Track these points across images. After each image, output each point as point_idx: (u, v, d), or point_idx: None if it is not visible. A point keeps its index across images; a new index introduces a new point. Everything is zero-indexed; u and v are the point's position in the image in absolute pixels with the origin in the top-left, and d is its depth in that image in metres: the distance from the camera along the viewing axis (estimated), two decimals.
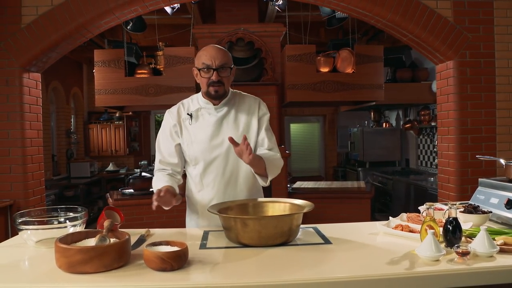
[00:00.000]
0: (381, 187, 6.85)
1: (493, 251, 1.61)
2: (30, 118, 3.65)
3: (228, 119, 2.17)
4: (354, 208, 5.18)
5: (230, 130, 2.15)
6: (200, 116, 2.16)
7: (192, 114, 2.16)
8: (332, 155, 9.12)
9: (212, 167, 2.16)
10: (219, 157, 2.16)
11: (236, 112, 2.18)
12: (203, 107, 2.16)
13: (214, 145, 2.15)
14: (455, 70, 3.65)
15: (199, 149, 2.14)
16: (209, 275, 1.50)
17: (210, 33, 5.42)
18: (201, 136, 2.14)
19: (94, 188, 7.69)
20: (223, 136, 2.14)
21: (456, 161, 3.66)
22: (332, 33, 7.39)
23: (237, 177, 2.20)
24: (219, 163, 2.16)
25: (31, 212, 1.95)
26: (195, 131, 2.15)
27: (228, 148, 2.13)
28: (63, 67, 7.68)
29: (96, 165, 7.97)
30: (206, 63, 2.04)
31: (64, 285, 1.45)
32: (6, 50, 3.50)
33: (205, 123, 2.15)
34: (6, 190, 3.53)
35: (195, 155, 2.15)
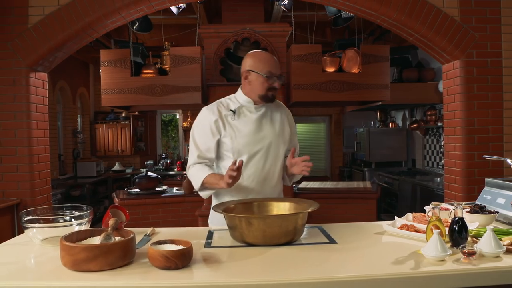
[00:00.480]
0: (387, 187, 6.82)
1: (499, 251, 1.59)
2: (36, 118, 3.67)
3: (266, 118, 2.35)
4: (360, 208, 5.16)
5: (268, 127, 2.34)
6: (242, 113, 2.31)
7: (235, 110, 2.31)
8: (338, 155, 9.10)
9: (254, 160, 2.29)
10: (260, 152, 2.30)
11: (271, 113, 2.38)
12: (244, 105, 2.33)
13: (257, 139, 2.30)
14: (461, 69, 3.63)
15: (243, 142, 2.28)
16: (214, 274, 1.50)
17: (216, 33, 5.41)
18: (245, 130, 2.29)
19: (100, 187, 7.72)
20: (264, 132, 2.32)
21: (462, 161, 3.63)
22: (338, 33, 7.37)
23: (274, 173, 2.36)
24: (260, 157, 2.30)
25: (37, 210, 1.96)
26: (238, 126, 2.29)
27: (269, 144, 2.32)
28: (70, 67, 7.72)
29: (102, 165, 8.00)
30: (272, 71, 2.24)
31: (68, 283, 1.45)
32: (13, 50, 3.52)
33: (248, 119, 2.31)
34: (13, 189, 3.55)
35: (238, 148, 2.27)
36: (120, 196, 5.32)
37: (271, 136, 2.32)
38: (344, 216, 5.12)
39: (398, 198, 6.48)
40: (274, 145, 2.33)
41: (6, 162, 3.55)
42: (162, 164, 8.65)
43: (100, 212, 7.56)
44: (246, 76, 2.29)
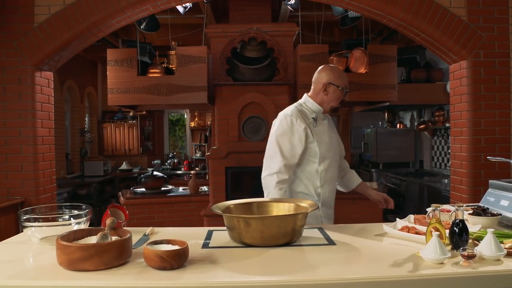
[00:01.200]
0: (395, 188, 6.76)
1: (500, 255, 1.56)
2: (42, 117, 3.69)
3: (330, 126, 2.59)
4: (365, 209, 5.12)
5: (335, 135, 2.59)
6: (318, 122, 2.49)
7: (316, 118, 2.48)
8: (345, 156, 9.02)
9: (332, 163, 2.50)
10: (335, 157, 2.52)
11: (329, 121, 2.60)
12: (317, 113, 2.50)
13: (333, 145, 2.52)
14: (468, 70, 3.58)
15: (325, 148, 2.45)
16: (209, 274, 1.49)
17: (223, 32, 5.41)
18: (324, 137, 2.47)
19: (107, 187, 7.76)
20: (333, 139, 2.54)
21: (468, 163, 3.58)
22: (346, 33, 7.33)
23: (337, 174, 2.60)
24: (335, 162, 2.53)
25: (35, 209, 1.97)
26: (319, 133, 2.46)
27: (335, 150, 2.53)
28: (78, 66, 7.77)
29: (109, 164, 8.04)
30: (347, 87, 2.49)
31: (63, 282, 1.45)
32: (19, 49, 3.54)
33: (323, 127, 2.50)
34: (17, 188, 3.57)
35: (323, 154, 2.43)
36: (126, 195, 5.34)
37: (336, 141, 2.57)
38: (349, 216, 5.08)
39: (406, 199, 6.42)
40: (338, 149, 2.58)
41: (11, 161, 3.58)
42: (169, 164, 8.67)
43: None
44: (325, 88, 2.45)
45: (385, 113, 7.76)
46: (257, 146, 5.14)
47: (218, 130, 5.24)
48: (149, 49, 5.74)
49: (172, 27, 7.24)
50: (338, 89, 2.44)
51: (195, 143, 9.12)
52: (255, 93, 5.17)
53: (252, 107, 5.21)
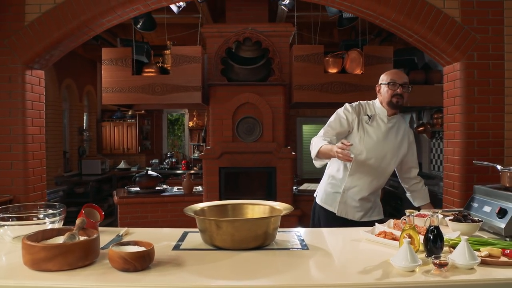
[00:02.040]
0: (392, 190, 6.69)
1: (473, 263, 1.52)
2: (32, 115, 3.68)
3: (393, 130, 2.69)
4: None
5: (391, 140, 2.67)
6: (375, 121, 2.67)
7: (371, 116, 2.67)
8: None
9: (370, 162, 2.62)
10: (378, 157, 2.63)
11: (398, 127, 2.72)
12: (378, 113, 2.69)
13: (379, 146, 2.63)
14: (462, 72, 3.52)
15: (367, 145, 2.61)
16: (171, 277, 1.46)
17: (218, 32, 5.40)
18: (373, 136, 2.63)
19: (104, 185, 7.76)
20: (387, 142, 2.65)
21: (461, 166, 3.53)
22: (345, 34, 7.28)
23: (382, 176, 2.69)
24: (374, 161, 2.63)
25: (9, 208, 1.95)
26: (369, 130, 2.64)
27: (386, 152, 2.64)
28: (77, 65, 7.79)
29: (107, 163, 8.04)
30: (394, 79, 2.61)
31: (25, 282, 1.44)
32: (10, 47, 3.53)
33: (378, 127, 2.66)
34: (7, 185, 3.56)
35: (362, 148, 2.61)
36: (120, 194, 5.33)
37: (391, 147, 2.66)
38: None
39: (403, 202, 6.35)
40: (390, 154, 2.66)
41: (1, 158, 3.56)
42: (168, 163, 8.66)
43: (104, 210, 7.59)
44: (378, 90, 2.72)
45: None
46: (251, 146, 5.11)
47: (212, 130, 5.22)
48: (147, 49, 5.72)
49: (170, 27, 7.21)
50: (385, 85, 2.65)
51: (193, 143, 9.11)
52: (249, 93, 5.14)
53: (247, 107, 5.18)
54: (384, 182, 2.77)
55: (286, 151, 5.15)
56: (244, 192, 5.41)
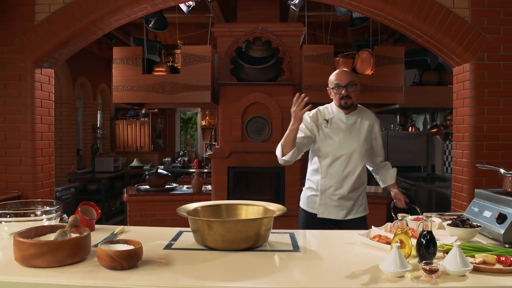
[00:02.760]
0: (404, 192, 6.60)
1: (464, 270, 1.49)
2: (41, 113, 3.73)
3: (355, 127, 2.74)
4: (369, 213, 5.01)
5: (355, 136, 2.72)
6: (334, 123, 2.73)
7: (328, 120, 2.73)
8: None
9: (337, 162, 2.69)
10: (343, 156, 2.69)
11: (361, 122, 2.75)
12: (336, 115, 2.74)
13: (342, 146, 2.69)
14: (471, 73, 3.44)
15: (331, 147, 2.70)
16: (156, 276, 1.46)
17: (229, 32, 5.39)
18: (334, 138, 2.70)
19: (117, 183, 7.84)
20: (350, 140, 2.70)
21: (470, 169, 3.45)
22: (359, 34, 7.21)
23: (353, 174, 2.71)
24: (343, 160, 2.69)
25: (7, 204, 1.98)
26: (329, 133, 2.71)
27: (353, 150, 2.69)
28: (91, 63, 7.88)
29: (120, 161, 8.12)
30: (338, 83, 2.67)
31: (12, 277, 1.46)
32: (20, 46, 3.60)
33: (338, 128, 2.71)
34: (15, 182, 3.63)
35: (326, 151, 2.70)
36: (130, 192, 5.38)
37: (356, 145, 2.70)
38: None
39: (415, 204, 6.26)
40: (357, 152, 2.70)
41: (10, 155, 3.63)
42: (180, 162, 8.71)
43: (116, 207, 7.68)
44: (330, 93, 2.77)
45: (397, 116, 7.59)
46: (260, 146, 5.10)
47: (221, 130, 5.23)
48: (159, 48, 5.76)
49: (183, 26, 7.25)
50: (331, 90, 2.74)
51: (205, 142, 9.14)
52: (259, 93, 5.13)
53: (256, 107, 5.17)
54: (364, 178, 2.81)
55: None
56: (252, 192, 5.40)
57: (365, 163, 2.80)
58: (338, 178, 2.71)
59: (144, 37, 5.61)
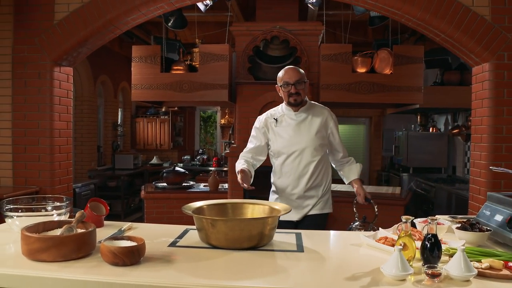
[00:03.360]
0: (424, 194, 6.50)
1: (468, 275, 1.45)
2: (59, 110, 3.82)
3: (305, 123, 2.72)
4: (385, 215, 4.90)
5: (305, 132, 2.70)
6: (284, 121, 2.74)
7: (277, 119, 2.75)
8: (376, 159, 8.80)
9: (289, 160, 2.70)
10: (296, 152, 2.68)
11: (311, 118, 2.73)
12: (285, 113, 2.75)
13: (293, 143, 2.69)
14: (491, 73, 3.36)
15: (281, 145, 2.71)
16: (157, 273, 1.48)
17: (247, 30, 5.40)
18: (284, 135, 2.71)
19: (137, 180, 7.96)
20: (300, 137, 2.69)
21: (488, 172, 3.37)
22: (379, 33, 7.11)
23: (308, 170, 2.69)
24: (295, 157, 2.69)
25: (18, 200, 2.03)
26: (279, 131, 2.73)
27: (304, 147, 2.67)
28: (112, 62, 8.01)
29: (140, 158, 8.24)
30: (286, 81, 2.67)
31: (18, 270, 1.49)
32: (40, 45, 3.69)
33: (287, 126, 2.72)
34: (34, 177, 3.73)
35: (278, 149, 2.72)
36: (147, 189, 5.44)
37: (307, 141, 2.68)
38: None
39: (434, 206, 6.16)
40: (309, 148, 2.67)
41: (30, 151, 3.73)
42: (199, 160, 8.77)
43: (135, 203, 7.79)
44: (278, 90, 2.77)
45: (418, 116, 7.47)
46: None
47: (238, 129, 5.24)
48: (179, 46, 5.81)
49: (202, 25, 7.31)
50: (280, 88, 2.74)
51: (225, 140, 9.18)
52: (276, 92, 5.10)
53: (273, 106, 5.10)
54: (323, 176, 2.77)
55: None
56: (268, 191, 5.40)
57: (323, 159, 2.75)
58: (293, 176, 2.70)
59: (163, 35, 5.67)
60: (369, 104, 5.36)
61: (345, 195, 5.17)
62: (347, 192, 5.25)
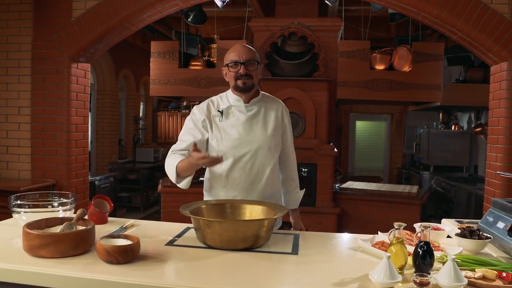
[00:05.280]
0: (443, 193, 6.38)
1: (458, 285, 1.42)
2: (77, 106, 3.92)
3: (258, 118, 2.21)
4: (402, 214, 4.90)
5: (259, 129, 2.19)
6: (231, 114, 2.19)
7: (223, 111, 2.18)
8: (397, 156, 8.67)
9: (240, 164, 2.18)
10: (247, 155, 2.17)
11: (265, 112, 2.23)
12: (233, 104, 2.20)
13: (244, 142, 2.17)
14: (509, 72, 3.26)
15: (229, 145, 2.16)
16: (149, 272, 1.51)
17: (266, 26, 5.40)
18: (232, 133, 2.17)
19: (157, 173, 8.09)
20: (253, 135, 2.18)
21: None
22: (402, 29, 6.97)
23: (262, 177, 2.20)
24: (247, 161, 2.18)
25: (25, 195, 2.10)
26: (225, 128, 2.18)
27: (258, 148, 2.17)
28: (134, 56, 8.14)
29: (161, 151, 8.36)
30: (234, 59, 2.11)
31: (17, 266, 1.55)
32: (58, 41, 3.79)
33: (236, 121, 2.18)
34: (51, 171, 3.85)
35: (224, 151, 2.16)
36: (164, 183, 5.53)
37: (261, 139, 2.18)
38: (384, 220, 4.89)
39: (454, 206, 6.04)
40: (263, 148, 2.18)
41: (47, 145, 3.85)
42: None
43: (155, 196, 7.92)
44: (225, 73, 2.21)
45: (440, 114, 7.31)
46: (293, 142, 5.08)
47: None
48: (199, 41, 5.84)
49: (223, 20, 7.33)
50: (226, 67, 2.17)
51: None
52: (293, 88, 5.10)
53: (290, 102, 5.13)
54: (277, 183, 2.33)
55: (328, 148, 5.07)
56: None
57: (277, 163, 2.30)
58: (242, 184, 2.18)
59: (182, 30, 5.72)
60: (388, 101, 5.29)
61: (361, 193, 5.14)
62: (363, 190, 5.21)
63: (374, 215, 5.03)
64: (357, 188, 5.36)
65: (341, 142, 8.27)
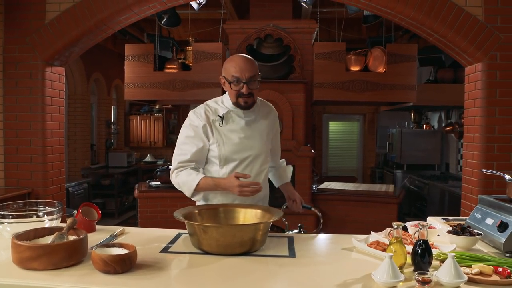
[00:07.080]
0: (417, 191, 6.53)
1: (458, 282, 1.46)
2: (51, 111, 3.79)
3: (256, 124, 2.26)
4: (380, 213, 4.99)
5: (257, 135, 2.25)
6: (230, 119, 2.21)
7: (224, 116, 2.20)
8: (370, 156, 8.84)
9: (240, 168, 2.21)
10: (248, 159, 2.23)
11: (261, 119, 2.29)
12: (232, 110, 2.22)
13: (245, 147, 2.22)
14: (483, 73, 3.37)
15: (231, 150, 2.19)
16: (149, 281, 1.48)
17: (241, 28, 5.39)
18: (233, 137, 2.20)
19: (131, 178, 7.95)
20: (253, 140, 2.24)
21: (480, 171, 3.39)
22: (373, 30, 7.11)
23: (259, 181, 2.23)
24: (247, 165, 2.23)
25: (9, 205, 2.02)
26: (226, 132, 2.20)
27: (257, 152, 2.24)
28: (106, 59, 7.97)
29: (134, 156, 8.22)
30: (237, 75, 2.09)
31: (9, 280, 1.48)
32: (31, 44, 3.65)
33: (236, 125, 2.21)
34: (26, 178, 3.71)
35: (226, 155, 2.19)
36: (141, 188, 5.43)
37: (261, 145, 2.25)
38: (363, 219, 4.97)
39: (427, 203, 6.19)
40: (262, 153, 2.26)
41: (21, 152, 3.71)
42: None
43: (129, 202, 7.77)
44: (223, 82, 2.20)
45: (411, 113, 7.50)
46: None
47: None
48: (172, 44, 5.78)
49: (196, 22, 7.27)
50: (227, 83, 2.15)
51: None
52: (270, 90, 5.10)
53: None
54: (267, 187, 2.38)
55: (305, 149, 5.10)
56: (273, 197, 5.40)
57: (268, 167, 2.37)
58: None
59: (156, 33, 5.64)
60: (364, 102, 5.38)
61: (339, 193, 5.20)
62: (341, 190, 5.28)
63: (352, 215, 5.09)
64: (334, 189, 5.42)
65: (315, 143, 8.36)
